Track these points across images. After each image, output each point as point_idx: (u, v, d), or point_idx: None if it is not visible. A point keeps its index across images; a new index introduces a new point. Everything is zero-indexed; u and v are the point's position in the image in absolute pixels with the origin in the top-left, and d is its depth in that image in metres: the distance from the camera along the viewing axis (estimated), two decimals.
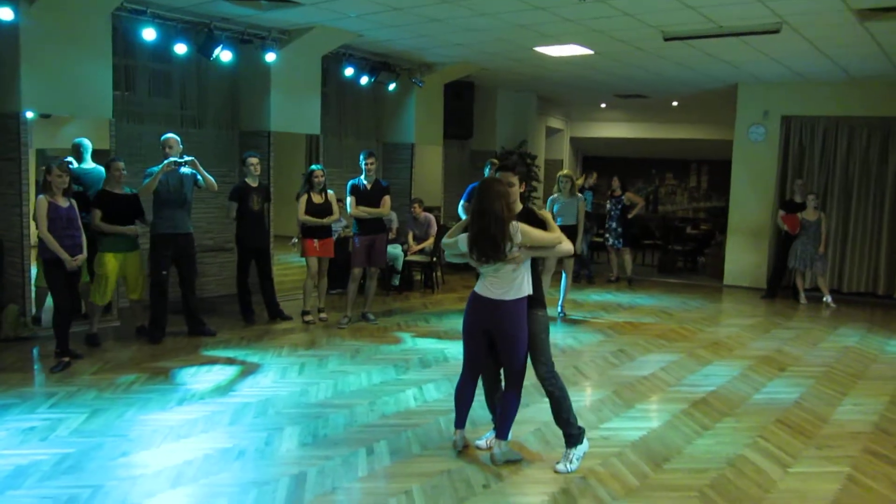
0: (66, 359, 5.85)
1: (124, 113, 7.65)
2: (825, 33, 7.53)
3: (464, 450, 4.38)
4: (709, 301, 10.09)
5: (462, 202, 8.44)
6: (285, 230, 11.49)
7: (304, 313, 7.73)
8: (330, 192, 7.67)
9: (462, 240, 4.13)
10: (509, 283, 4.04)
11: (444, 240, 4.29)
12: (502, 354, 4.16)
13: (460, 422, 4.38)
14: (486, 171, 8.35)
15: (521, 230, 4.00)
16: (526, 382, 5.65)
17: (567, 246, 4.16)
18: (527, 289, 4.07)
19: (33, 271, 6.62)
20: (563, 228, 5.13)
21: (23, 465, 3.99)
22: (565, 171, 8.66)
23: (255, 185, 7.48)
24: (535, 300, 4.18)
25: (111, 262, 6.40)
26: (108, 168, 6.50)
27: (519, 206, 4.21)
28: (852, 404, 5.57)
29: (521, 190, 4.25)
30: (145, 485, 3.80)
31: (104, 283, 6.43)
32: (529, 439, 4.62)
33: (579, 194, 8.57)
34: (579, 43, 8.57)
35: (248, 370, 5.95)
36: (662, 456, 4.42)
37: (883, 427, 5.08)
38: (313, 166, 7.70)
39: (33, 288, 6.65)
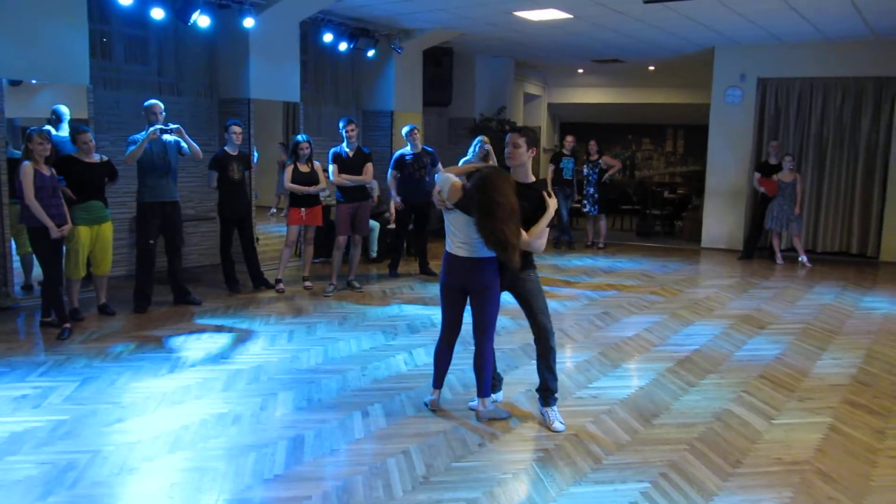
0: (68, 325, 5.85)
1: (100, 80, 7.51)
2: None
3: (439, 410, 4.45)
4: (687, 263, 10.25)
5: (390, 171, 8.37)
6: (265, 200, 11.43)
7: (277, 281, 7.71)
8: (316, 162, 7.63)
9: (444, 181, 4.16)
10: (473, 238, 4.06)
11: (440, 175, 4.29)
12: (474, 307, 4.22)
13: (437, 382, 4.47)
14: (473, 150, 7.41)
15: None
16: (513, 345, 5.79)
17: (538, 244, 4.04)
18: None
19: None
20: None
21: (18, 431, 3.99)
22: (486, 139, 8.49)
23: (235, 153, 7.41)
24: (529, 262, 4.23)
25: (83, 234, 6.16)
26: (74, 140, 6.16)
27: (531, 177, 4.19)
28: (831, 359, 5.74)
29: (532, 154, 4.15)
30: (143, 449, 3.82)
31: (76, 257, 6.18)
32: (520, 399, 4.69)
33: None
34: (559, 7, 8.54)
35: (238, 338, 5.96)
36: (651, 412, 4.53)
37: (861, 379, 5.25)
38: (298, 137, 7.62)
39: (16, 257, 6.56)
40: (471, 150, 7.51)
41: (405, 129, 8.33)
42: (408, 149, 8.32)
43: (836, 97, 10.63)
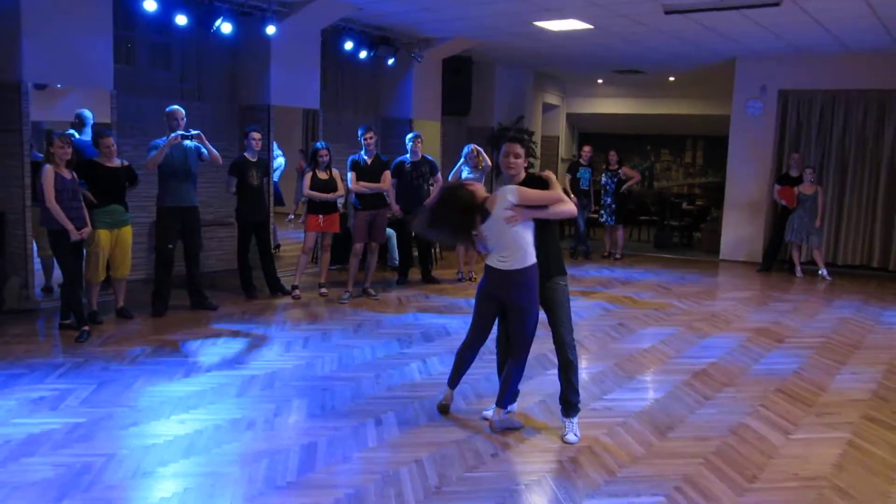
0: (86, 327, 5.90)
1: (124, 85, 7.60)
2: (825, 6, 7.53)
3: (450, 415, 4.47)
4: (705, 275, 10.17)
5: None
6: (288, 207, 11.49)
7: (294, 288, 7.74)
8: (335, 170, 7.67)
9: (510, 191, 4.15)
10: (514, 249, 4.06)
11: None
12: (511, 324, 4.21)
13: (453, 382, 4.51)
14: (408, 144, 8.38)
15: (516, 192, 4.04)
16: (529, 356, 5.77)
17: (568, 207, 4.08)
18: (532, 256, 4.10)
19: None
20: None
21: (35, 433, 4.02)
22: (474, 146, 8.62)
23: (254, 159, 7.46)
24: (557, 269, 4.22)
25: (103, 238, 6.25)
26: (96, 144, 6.26)
27: (523, 175, 4.22)
28: (850, 373, 5.67)
29: (525, 164, 4.23)
30: (158, 454, 3.84)
31: (95, 260, 6.27)
32: (534, 410, 4.67)
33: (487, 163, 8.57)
34: (579, 17, 8.53)
35: (253, 343, 5.99)
36: (666, 425, 4.49)
37: (881, 395, 5.18)
38: (318, 144, 7.67)
39: (37, 260, 6.65)
40: (462, 155, 8.55)
41: (409, 136, 8.39)
42: (408, 155, 8.35)
43: (857, 109, 10.52)
